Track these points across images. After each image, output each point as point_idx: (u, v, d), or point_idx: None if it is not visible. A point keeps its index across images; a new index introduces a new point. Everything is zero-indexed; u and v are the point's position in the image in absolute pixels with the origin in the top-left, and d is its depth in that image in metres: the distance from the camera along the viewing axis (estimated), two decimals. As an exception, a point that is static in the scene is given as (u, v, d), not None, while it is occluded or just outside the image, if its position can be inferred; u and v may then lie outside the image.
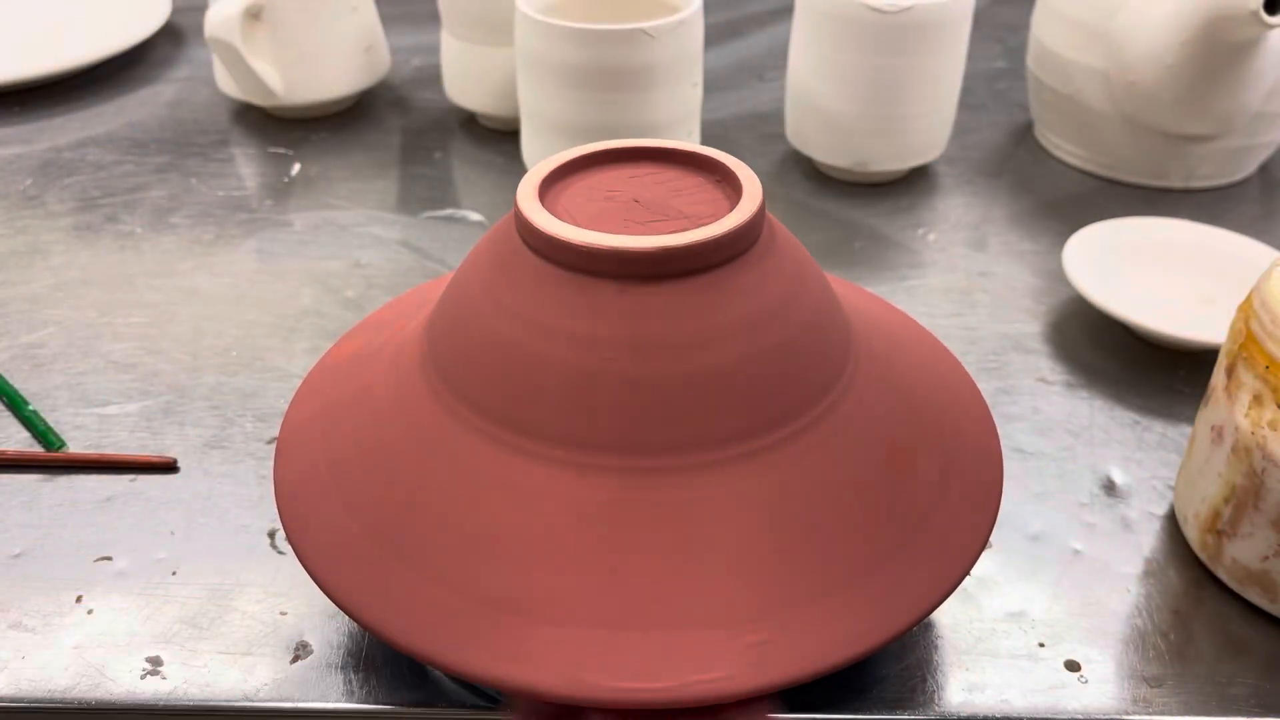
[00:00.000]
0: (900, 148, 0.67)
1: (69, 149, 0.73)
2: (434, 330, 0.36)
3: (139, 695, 0.38)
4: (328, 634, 0.40)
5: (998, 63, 0.87)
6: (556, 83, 0.60)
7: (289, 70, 0.72)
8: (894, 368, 0.38)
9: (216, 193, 0.68)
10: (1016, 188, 0.70)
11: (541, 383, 0.33)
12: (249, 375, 0.53)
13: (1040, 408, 0.51)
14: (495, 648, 0.31)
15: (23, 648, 0.39)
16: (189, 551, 0.43)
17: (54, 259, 0.62)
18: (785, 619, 0.31)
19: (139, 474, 0.47)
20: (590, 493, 0.32)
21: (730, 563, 0.32)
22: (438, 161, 0.72)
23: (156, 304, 0.58)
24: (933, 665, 0.39)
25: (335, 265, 0.61)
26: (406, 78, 0.83)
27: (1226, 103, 0.63)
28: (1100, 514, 0.45)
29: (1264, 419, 0.38)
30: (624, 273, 0.32)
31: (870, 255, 0.63)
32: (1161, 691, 0.38)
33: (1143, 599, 0.41)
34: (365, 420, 0.36)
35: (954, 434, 0.37)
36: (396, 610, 0.32)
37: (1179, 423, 0.50)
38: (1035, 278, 0.60)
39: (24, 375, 0.52)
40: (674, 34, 0.60)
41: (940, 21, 0.62)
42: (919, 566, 0.33)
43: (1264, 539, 0.39)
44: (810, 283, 0.36)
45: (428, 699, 0.38)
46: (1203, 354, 0.53)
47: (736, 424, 0.33)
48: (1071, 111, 0.69)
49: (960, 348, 0.54)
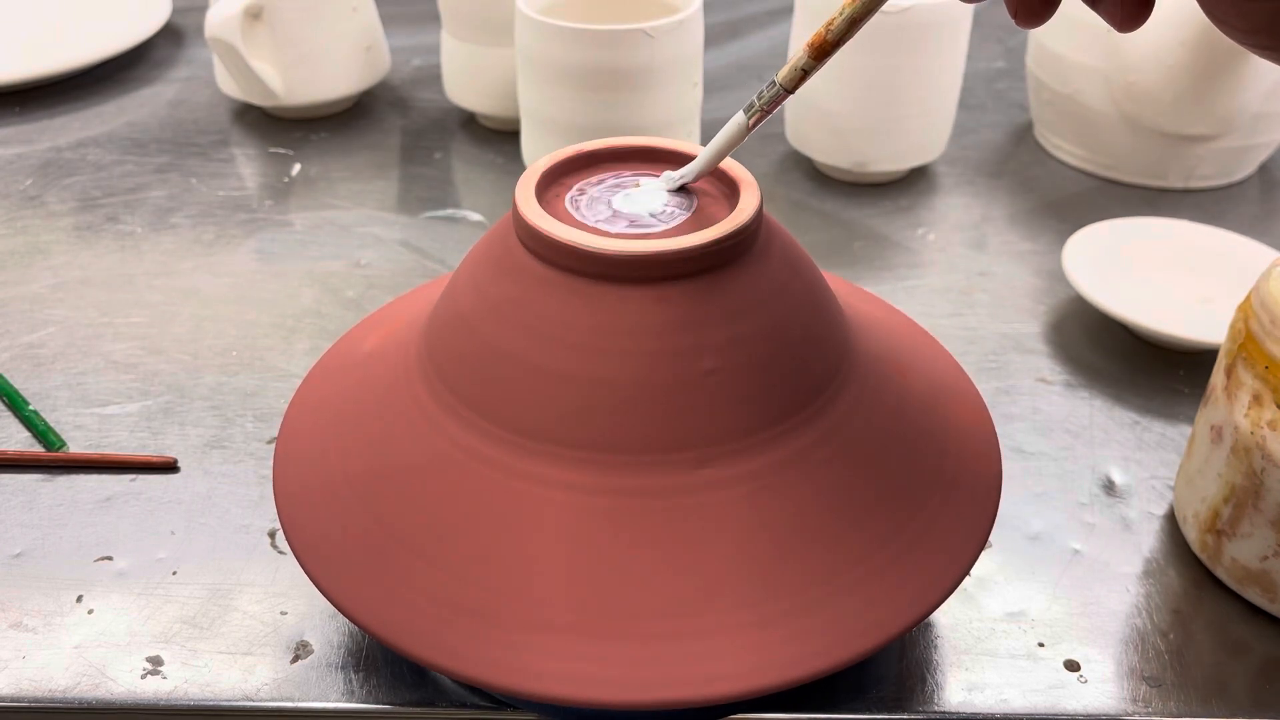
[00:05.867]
0: (900, 148, 0.67)
1: (69, 149, 0.73)
2: (433, 331, 0.36)
3: (139, 695, 0.38)
4: (328, 634, 0.40)
5: (998, 63, 0.87)
6: (556, 83, 0.60)
7: (289, 70, 0.72)
8: (893, 368, 0.38)
9: (217, 193, 0.68)
10: (1016, 188, 0.70)
11: (540, 384, 0.33)
12: (249, 375, 0.53)
13: (1040, 408, 0.51)
14: (494, 650, 0.31)
15: (23, 647, 0.39)
16: (189, 551, 0.43)
17: (54, 259, 0.62)
18: (785, 619, 0.31)
19: (139, 474, 0.47)
20: (589, 493, 0.32)
21: (730, 562, 0.32)
22: (438, 161, 0.72)
23: (157, 304, 0.58)
24: (933, 665, 0.39)
25: (335, 265, 0.61)
26: (406, 78, 0.83)
27: (1226, 103, 0.63)
28: (1100, 514, 0.45)
29: (1263, 419, 0.38)
30: (622, 275, 0.32)
31: (870, 255, 0.63)
32: (1161, 691, 0.38)
33: (1142, 599, 0.41)
34: (364, 421, 0.36)
35: (953, 434, 0.37)
36: (396, 613, 0.32)
37: (1179, 423, 0.50)
38: (1035, 278, 0.60)
39: (24, 375, 0.52)
40: (674, 34, 0.60)
41: (940, 21, 0.62)
42: (918, 566, 0.33)
43: (1263, 539, 0.39)
44: (809, 284, 0.36)
45: (428, 699, 0.38)
46: (1202, 354, 0.53)
47: (735, 424, 0.33)
48: (1071, 111, 0.69)
49: (960, 348, 0.54)
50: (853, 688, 0.38)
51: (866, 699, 0.38)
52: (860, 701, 0.38)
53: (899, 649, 0.39)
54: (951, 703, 0.38)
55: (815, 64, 0.31)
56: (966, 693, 0.38)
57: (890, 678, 0.38)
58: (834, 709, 0.37)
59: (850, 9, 0.30)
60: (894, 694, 0.38)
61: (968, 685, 0.38)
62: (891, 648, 0.39)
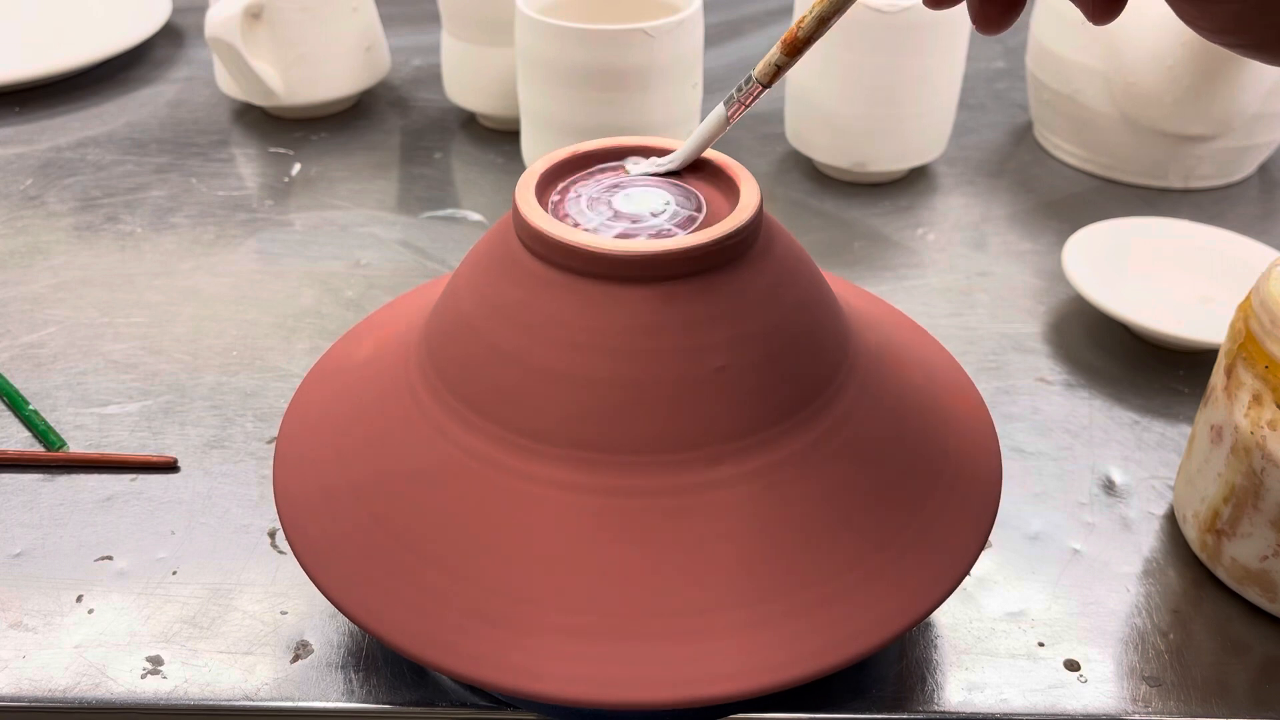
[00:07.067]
0: (900, 148, 0.67)
1: (69, 149, 0.73)
2: (433, 331, 0.36)
3: (139, 695, 0.38)
4: (328, 633, 0.40)
5: (997, 63, 0.87)
6: (556, 83, 0.60)
7: (289, 70, 0.72)
8: (893, 368, 0.38)
9: (217, 193, 0.68)
10: (1016, 188, 0.70)
11: (540, 384, 0.33)
12: (249, 375, 0.53)
13: (1040, 407, 0.51)
14: (495, 650, 0.31)
15: (23, 647, 0.39)
16: (189, 551, 0.43)
17: (54, 259, 0.62)
18: (785, 619, 0.31)
19: (139, 474, 0.47)
20: (589, 493, 0.32)
21: (729, 562, 0.32)
22: (438, 161, 0.72)
23: (157, 304, 0.58)
24: (932, 665, 0.39)
25: (335, 265, 0.61)
26: (406, 78, 0.83)
27: (1226, 103, 0.63)
28: (1099, 514, 0.45)
29: (1263, 419, 0.38)
30: (622, 275, 0.32)
31: (870, 255, 0.63)
32: (1161, 691, 0.38)
33: (1142, 598, 0.41)
34: (364, 421, 0.36)
35: (953, 434, 0.37)
36: (396, 612, 0.32)
37: (1178, 423, 0.50)
38: (1035, 278, 0.60)
39: (24, 375, 0.52)
40: (674, 34, 0.60)
41: (940, 21, 0.62)
42: (918, 566, 0.33)
43: (1263, 539, 0.39)
44: (809, 283, 0.36)
45: (428, 699, 0.38)
46: (1202, 354, 0.53)
47: (735, 424, 0.33)
48: (1071, 111, 0.69)
49: (960, 348, 0.54)
50: (852, 688, 0.38)
51: (866, 699, 0.38)
52: (860, 701, 0.38)
53: (899, 649, 0.39)
54: (951, 703, 0.38)
55: (789, 60, 0.33)
56: (966, 693, 0.38)
57: (890, 678, 0.38)
58: (834, 709, 0.37)
59: (819, 8, 0.32)
60: (894, 694, 0.38)
61: (968, 685, 0.38)
62: (891, 648, 0.39)
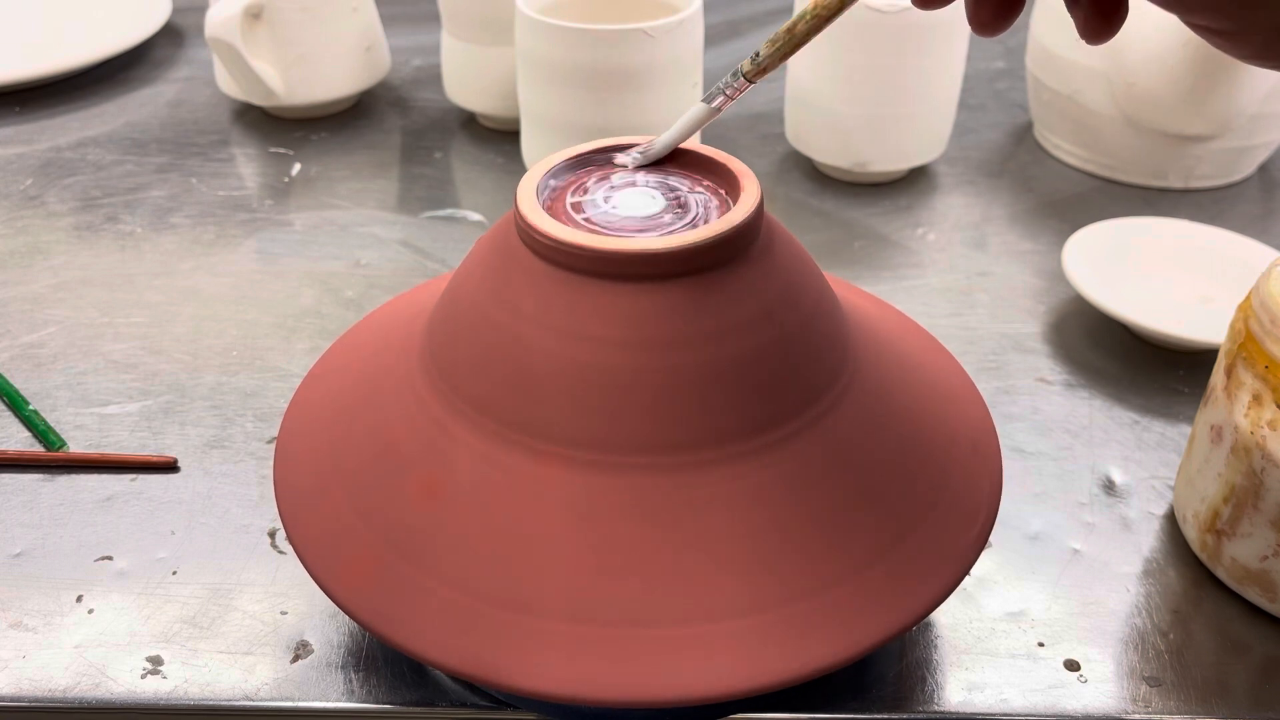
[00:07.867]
0: (900, 148, 0.67)
1: (69, 149, 0.73)
2: (434, 330, 0.36)
3: (139, 695, 0.38)
4: (328, 633, 0.40)
5: (997, 63, 0.87)
6: (556, 83, 0.60)
7: (289, 70, 0.72)
8: (893, 367, 0.38)
9: (217, 193, 0.68)
10: (1016, 188, 0.70)
11: (541, 382, 0.33)
12: (249, 375, 0.53)
13: (1040, 407, 0.51)
14: (496, 648, 0.31)
15: (23, 647, 0.39)
16: (189, 551, 0.43)
17: (54, 259, 0.62)
18: (785, 618, 0.31)
19: (139, 474, 0.47)
20: (589, 491, 0.32)
21: (729, 561, 0.32)
22: (438, 161, 0.72)
23: (157, 304, 0.58)
24: (932, 665, 0.39)
25: (335, 265, 0.61)
26: (406, 78, 0.83)
27: (1226, 103, 0.63)
28: (1099, 514, 0.45)
29: (1263, 419, 0.38)
30: (623, 273, 0.32)
31: (870, 255, 0.63)
32: (1161, 691, 0.38)
33: (1142, 598, 0.41)
34: (365, 419, 0.37)
35: (953, 434, 0.37)
36: (397, 611, 0.32)
37: (1178, 423, 0.50)
38: (1035, 278, 0.60)
39: (24, 375, 0.52)
40: (674, 34, 0.60)
41: (940, 21, 0.62)
42: (918, 566, 0.33)
43: (1263, 539, 0.39)
44: (809, 283, 0.36)
45: (428, 699, 0.38)
46: (1202, 354, 0.53)
47: (735, 423, 0.33)
48: (1071, 112, 0.69)
49: (960, 348, 0.54)
50: (853, 688, 0.38)
51: (866, 699, 0.38)
52: (860, 701, 0.38)
53: (899, 649, 0.39)
54: (951, 702, 0.38)
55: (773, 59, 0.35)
56: (966, 692, 0.38)
57: (890, 678, 0.38)
58: (834, 709, 0.37)
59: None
60: (894, 694, 0.38)
61: (968, 685, 0.38)
62: (891, 647, 0.39)
